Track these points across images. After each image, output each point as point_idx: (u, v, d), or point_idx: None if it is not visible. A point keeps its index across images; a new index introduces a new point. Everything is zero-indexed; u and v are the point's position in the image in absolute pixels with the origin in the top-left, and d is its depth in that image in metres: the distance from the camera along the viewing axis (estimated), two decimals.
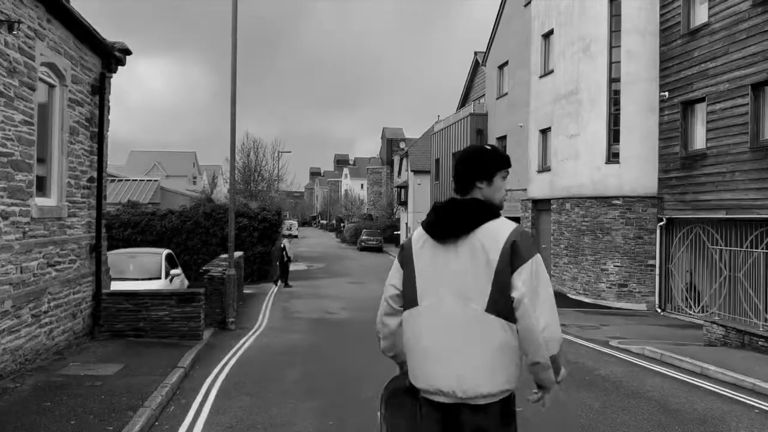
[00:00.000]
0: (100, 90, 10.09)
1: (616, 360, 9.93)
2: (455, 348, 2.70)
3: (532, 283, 2.61)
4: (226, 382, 8.00)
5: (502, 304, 2.65)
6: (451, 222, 2.79)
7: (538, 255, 2.71)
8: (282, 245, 24.17)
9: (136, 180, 34.00)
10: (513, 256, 2.64)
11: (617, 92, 18.71)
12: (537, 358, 2.64)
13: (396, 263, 3.02)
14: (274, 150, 44.60)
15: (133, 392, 6.82)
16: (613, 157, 18.78)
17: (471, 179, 2.92)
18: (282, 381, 8.08)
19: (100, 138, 10.18)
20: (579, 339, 12.31)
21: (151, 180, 34.77)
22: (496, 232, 2.70)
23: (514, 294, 2.63)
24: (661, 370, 9.07)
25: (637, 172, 18.23)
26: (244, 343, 11.14)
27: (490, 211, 2.80)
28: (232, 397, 7.18)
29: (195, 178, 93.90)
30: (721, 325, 10.67)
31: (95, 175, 10.12)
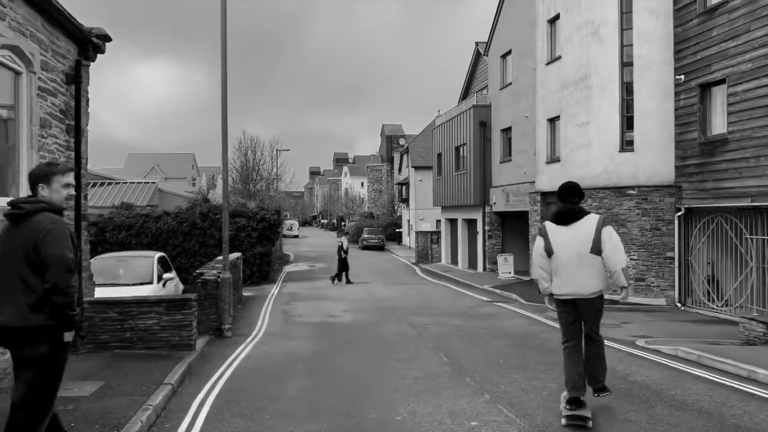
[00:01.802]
0: (76, 79, 9.18)
1: (649, 363, 9.03)
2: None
3: (612, 242, 5.86)
4: (218, 399, 7.11)
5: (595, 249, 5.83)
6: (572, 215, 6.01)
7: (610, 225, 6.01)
8: (340, 243, 24.48)
9: (133, 183, 33.13)
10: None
11: (630, 77, 17.79)
12: (617, 268, 5.82)
13: (539, 238, 6.12)
14: (272, 148, 43.67)
15: (109, 418, 5.93)
16: (626, 144, 17.87)
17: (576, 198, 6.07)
18: (281, 397, 7.19)
19: (77, 131, 9.27)
20: None
21: (148, 182, 33.91)
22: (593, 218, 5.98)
23: (603, 247, 5.85)
24: (702, 374, 8.16)
25: (653, 160, 17.32)
26: (240, 352, 10.26)
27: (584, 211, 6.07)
28: (224, 420, 6.29)
29: (194, 179, 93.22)
30: (762, 322, 9.75)
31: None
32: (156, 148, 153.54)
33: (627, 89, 17.89)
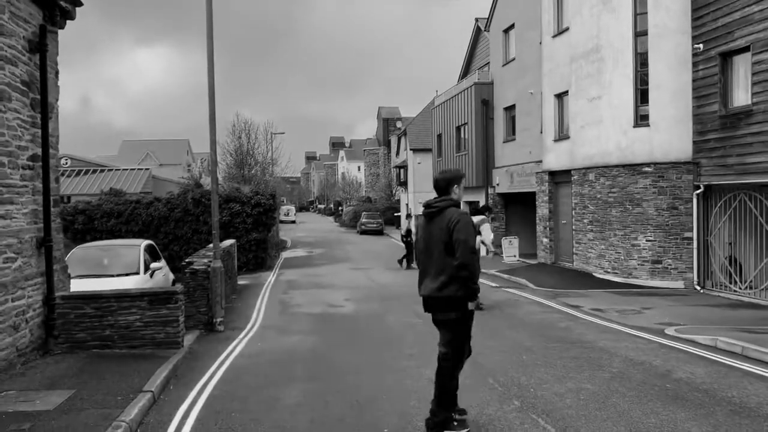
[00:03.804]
0: (41, 46, 8.15)
1: (687, 356, 8.11)
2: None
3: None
4: (205, 410, 6.17)
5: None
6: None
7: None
8: (408, 226, 23.71)
9: (126, 169, 32.16)
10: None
11: (644, 47, 16.74)
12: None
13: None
14: (267, 132, 42.44)
15: None
16: (641, 119, 16.86)
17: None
18: (277, 406, 6.24)
19: (43, 106, 8.24)
20: (625, 327, 10.51)
21: (142, 169, 32.94)
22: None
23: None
24: (753, 370, 7.25)
25: (670, 135, 16.34)
26: (233, 349, 9.31)
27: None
28: None
29: (189, 165, 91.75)
30: None
31: (39, 151, 8.21)
32: (151, 135, 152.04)
33: (641, 61, 16.85)
